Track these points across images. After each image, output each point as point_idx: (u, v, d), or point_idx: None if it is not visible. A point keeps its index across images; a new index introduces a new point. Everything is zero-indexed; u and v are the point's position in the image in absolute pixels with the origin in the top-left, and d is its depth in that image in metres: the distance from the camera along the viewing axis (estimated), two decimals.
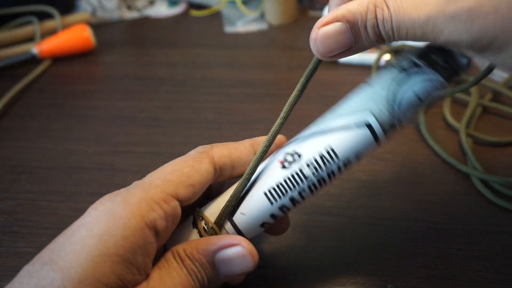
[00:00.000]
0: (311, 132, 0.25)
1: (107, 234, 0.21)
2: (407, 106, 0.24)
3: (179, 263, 0.23)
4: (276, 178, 0.25)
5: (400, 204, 0.35)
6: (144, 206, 0.22)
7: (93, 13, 0.67)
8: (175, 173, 0.24)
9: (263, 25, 0.63)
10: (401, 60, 0.25)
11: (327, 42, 0.23)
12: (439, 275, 0.29)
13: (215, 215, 0.25)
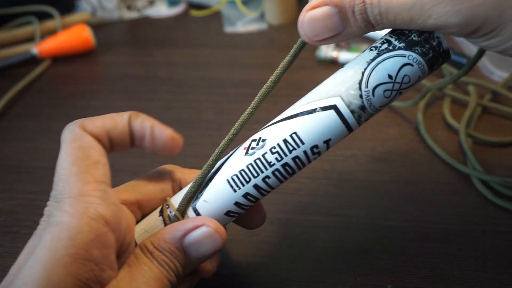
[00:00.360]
0: (278, 119, 0.25)
1: (54, 240, 0.20)
2: (377, 86, 0.23)
3: (148, 256, 0.22)
4: (239, 164, 0.24)
5: (400, 204, 0.35)
6: (79, 205, 0.21)
7: (93, 13, 0.67)
8: (74, 162, 0.23)
9: (263, 25, 0.63)
10: (377, 42, 0.24)
11: (315, 25, 0.22)
12: (439, 275, 0.29)
13: (177, 199, 0.25)
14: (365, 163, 0.39)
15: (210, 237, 0.23)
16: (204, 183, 0.25)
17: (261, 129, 0.25)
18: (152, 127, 0.26)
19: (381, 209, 0.34)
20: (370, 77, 0.23)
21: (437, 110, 0.44)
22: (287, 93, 0.48)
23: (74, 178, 0.22)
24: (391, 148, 0.40)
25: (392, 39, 0.23)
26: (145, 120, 0.26)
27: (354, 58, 0.24)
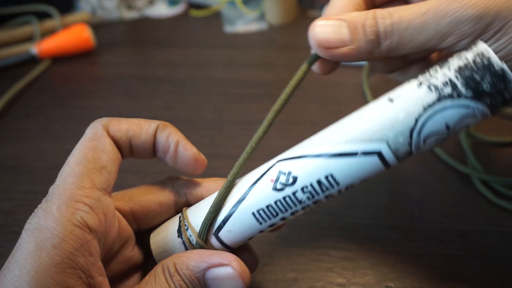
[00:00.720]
0: (311, 153, 0.22)
1: (38, 249, 0.20)
2: (431, 136, 0.20)
3: (167, 278, 0.22)
4: (266, 199, 0.23)
5: (400, 204, 0.35)
6: (66, 209, 0.21)
7: (92, 13, 0.66)
8: (81, 162, 0.22)
9: (263, 25, 0.63)
10: (435, 76, 0.20)
11: (325, 30, 0.24)
12: (439, 275, 0.29)
13: (197, 222, 0.24)
14: None
15: (233, 279, 0.22)
16: (222, 206, 0.24)
17: (288, 155, 0.23)
18: (177, 143, 0.26)
19: (381, 209, 0.34)
20: (424, 126, 0.20)
21: None
22: None
23: (72, 180, 0.22)
24: None
25: (458, 84, 0.19)
26: (172, 134, 0.26)
27: (406, 93, 0.21)
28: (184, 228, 0.24)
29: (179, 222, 0.25)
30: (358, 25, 0.23)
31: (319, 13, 0.64)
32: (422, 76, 0.21)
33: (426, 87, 0.20)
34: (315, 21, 0.24)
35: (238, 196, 0.23)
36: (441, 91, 0.19)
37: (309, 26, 0.26)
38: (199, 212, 0.24)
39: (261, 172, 0.23)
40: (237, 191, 0.24)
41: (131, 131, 0.24)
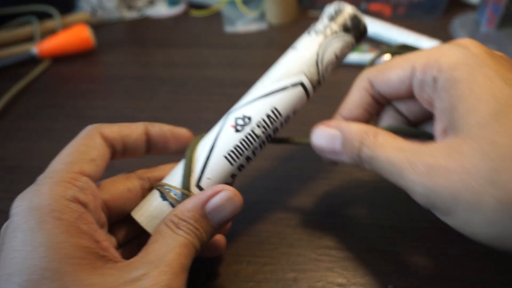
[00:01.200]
0: (254, 97, 0.28)
1: (43, 223, 0.21)
2: (328, 64, 0.29)
3: (174, 229, 0.24)
4: (232, 141, 0.27)
5: (400, 204, 0.35)
6: (57, 188, 0.22)
7: (93, 13, 0.67)
8: (72, 154, 0.24)
9: (263, 25, 0.63)
10: (319, 25, 0.29)
11: (320, 137, 0.28)
12: (439, 275, 0.29)
13: (177, 181, 0.27)
14: None
15: (230, 200, 0.25)
16: (194, 159, 0.27)
17: (235, 108, 0.28)
18: (171, 129, 0.29)
19: (381, 209, 0.34)
20: (323, 57, 0.29)
21: None
22: None
23: (62, 166, 0.24)
24: None
25: (339, 29, 0.29)
26: (162, 126, 0.29)
27: (303, 41, 0.29)
28: (167, 191, 0.27)
29: (159, 191, 0.27)
30: (350, 142, 0.26)
31: (319, 13, 0.64)
32: (306, 31, 0.30)
33: (314, 33, 0.29)
34: (317, 126, 0.28)
35: (207, 147, 0.27)
36: (325, 32, 0.29)
37: (309, 26, 0.27)
38: (175, 175, 0.27)
39: (218, 126, 0.28)
40: (204, 145, 0.28)
41: (123, 131, 0.27)
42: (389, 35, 0.56)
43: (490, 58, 0.23)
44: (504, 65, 0.23)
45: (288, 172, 0.38)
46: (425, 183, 0.22)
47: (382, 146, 0.24)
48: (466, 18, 0.59)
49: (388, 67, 0.27)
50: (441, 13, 0.62)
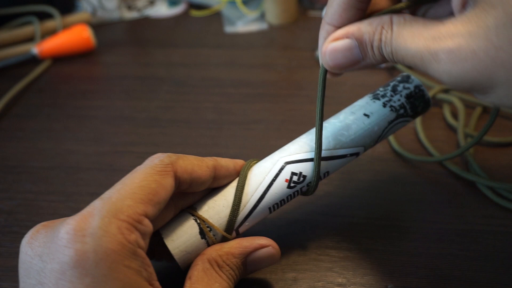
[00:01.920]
0: (312, 157, 0.29)
1: (114, 272, 0.20)
2: (383, 138, 0.31)
3: (218, 271, 0.25)
4: (281, 195, 0.28)
5: (400, 204, 0.35)
6: (124, 230, 0.21)
7: (93, 13, 0.67)
8: (143, 189, 0.23)
9: (263, 25, 0.63)
10: (393, 99, 0.30)
11: (336, 56, 0.24)
12: (439, 275, 0.29)
13: (220, 222, 0.27)
14: (365, 163, 0.39)
15: (272, 256, 0.27)
16: (240, 205, 0.27)
17: (294, 159, 0.28)
18: (235, 164, 0.29)
19: (381, 209, 0.34)
20: (386, 134, 0.30)
21: (437, 110, 0.44)
22: (287, 93, 0.48)
23: (129, 203, 0.22)
24: (391, 148, 0.40)
25: (408, 107, 0.30)
26: (228, 162, 0.28)
27: (377, 111, 0.30)
28: (207, 230, 0.27)
29: (198, 225, 0.27)
30: (368, 45, 0.24)
31: (319, 13, 0.64)
32: (383, 98, 0.30)
33: (389, 107, 0.30)
34: (325, 44, 0.25)
35: (257, 195, 0.28)
36: (398, 112, 0.30)
37: (309, 26, 0.26)
38: (215, 211, 0.27)
39: (273, 173, 0.28)
40: (253, 189, 0.28)
41: (194, 173, 0.26)
42: None
43: None
44: None
45: None
46: (451, 71, 0.20)
47: (400, 38, 0.22)
48: None
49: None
50: None
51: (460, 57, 0.20)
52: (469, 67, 0.20)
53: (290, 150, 0.29)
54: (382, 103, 0.30)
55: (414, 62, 0.22)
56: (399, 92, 0.30)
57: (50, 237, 0.21)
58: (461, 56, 0.20)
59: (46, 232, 0.22)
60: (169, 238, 0.26)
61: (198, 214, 0.27)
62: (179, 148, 0.42)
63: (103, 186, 0.38)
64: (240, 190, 0.28)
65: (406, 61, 0.22)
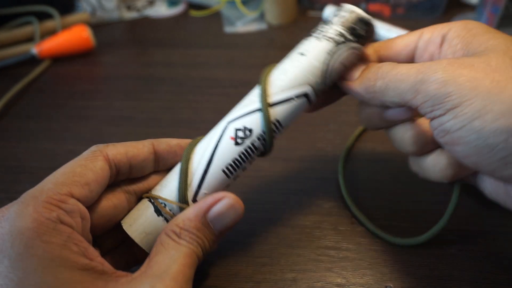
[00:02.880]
0: (256, 107, 0.27)
1: (32, 249, 0.20)
2: (335, 74, 0.28)
3: (175, 239, 0.23)
4: (231, 154, 0.27)
5: (400, 204, 0.35)
6: (42, 209, 0.21)
7: (92, 13, 0.67)
8: (66, 174, 0.23)
9: (263, 25, 0.63)
10: (327, 31, 0.28)
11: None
12: (439, 275, 0.29)
13: (173, 196, 0.26)
14: (365, 163, 0.39)
15: (232, 207, 0.25)
16: (189, 173, 0.26)
17: (236, 115, 0.28)
18: (179, 143, 0.28)
19: (381, 209, 0.34)
20: (333, 68, 0.27)
21: None
22: None
23: (50, 186, 0.22)
24: (391, 148, 0.40)
25: (346, 33, 0.27)
26: (170, 141, 0.28)
27: (312, 46, 0.28)
28: (162, 206, 0.26)
29: (152, 205, 0.26)
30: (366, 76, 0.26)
31: (319, 13, 0.64)
32: (314, 33, 0.28)
33: (324, 39, 0.27)
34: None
35: (205, 160, 0.27)
36: (336, 39, 0.27)
37: (309, 26, 0.27)
38: (168, 187, 0.27)
39: (217, 135, 0.27)
40: (201, 156, 0.27)
41: (129, 152, 0.26)
42: (389, 36, 0.56)
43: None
44: None
45: (287, 173, 0.38)
46: (446, 70, 0.22)
47: (391, 75, 0.25)
48: (465, 18, 0.59)
49: (398, 36, 0.28)
50: (440, 14, 0.62)
51: (458, 64, 0.22)
52: (462, 72, 0.22)
53: (233, 111, 0.28)
54: (315, 37, 0.28)
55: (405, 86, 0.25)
56: (331, 21, 0.28)
57: None
58: (459, 64, 0.22)
59: None
60: (127, 223, 0.26)
61: (150, 194, 0.27)
62: None
63: None
64: (186, 159, 0.27)
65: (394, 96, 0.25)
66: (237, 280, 0.30)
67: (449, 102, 0.22)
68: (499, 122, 0.20)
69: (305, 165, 0.39)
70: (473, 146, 0.22)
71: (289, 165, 0.39)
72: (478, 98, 0.21)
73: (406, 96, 0.24)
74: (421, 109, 0.24)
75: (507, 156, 0.21)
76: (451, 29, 0.25)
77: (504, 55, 0.22)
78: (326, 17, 0.31)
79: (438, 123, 0.23)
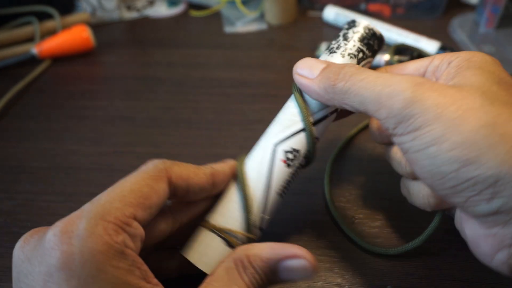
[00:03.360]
0: (298, 129, 0.28)
1: (101, 273, 0.20)
2: None
3: (241, 272, 0.23)
4: (284, 176, 0.28)
5: (399, 204, 0.35)
6: (111, 231, 0.21)
7: (92, 13, 0.67)
8: (134, 193, 0.23)
9: (263, 25, 0.63)
10: (349, 48, 0.29)
11: (304, 63, 0.28)
12: (439, 275, 0.29)
13: (238, 226, 0.27)
14: (365, 163, 0.39)
15: (306, 270, 0.24)
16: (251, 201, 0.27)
17: (281, 136, 0.28)
18: (231, 166, 0.28)
19: (380, 209, 0.34)
20: None
21: None
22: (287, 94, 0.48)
23: (118, 205, 0.22)
24: None
25: (364, 49, 0.30)
26: (224, 165, 0.28)
27: (337, 61, 0.29)
28: (229, 237, 0.26)
29: (219, 237, 0.26)
30: (327, 72, 0.26)
31: (319, 13, 0.64)
32: (338, 50, 0.29)
33: (348, 56, 0.29)
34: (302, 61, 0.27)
35: (262, 185, 0.27)
36: (358, 57, 0.29)
37: (308, 26, 0.27)
38: (229, 217, 0.27)
39: (267, 159, 0.28)
40: (255, 183, 0.27)
41: (191, 179, 0.26)
42: (389, 36, 0.56)
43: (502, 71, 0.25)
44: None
45: None
46: (414, 90, 0.22)
47: (356, 82, 0.24)
48: (465, 18, 0.59)
49: (411, 61, 0.28)
50: (440, 14, 0.62)
51: (425, 85, 0.22)
52: (429, 93, 0.22)
53: (273, 131, 0.29)
54: (340, 54, 0.29)
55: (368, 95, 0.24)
56: (351, 38, 0.30)
57: (40, 241, 0.21)
58: (426, 85, 0.23)
59: (37, 236, 0.22)
60: (199, 260, 0.26)
61: (214, 226, 0.27)
62: (179, 148, 0.42)
63: (103, 186, 0.38)
64: (244, 187, 0.27)
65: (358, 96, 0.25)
66: None
67: (412, 124, 0.22)
68: (453, 152, 0.21)
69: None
70: (427, 170, 0.22)
71: None
72: (440, 125, 0.21)
73: (368, 106, 0.24)
74: (383, 123, 0.23)
75: (457, 185, 0.21)
76: (458, 57, 0.25)
77: (477, 89, 0.22)
78: (341, 30, 0.31)
79: (398, 141, 0.23)
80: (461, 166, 0.21)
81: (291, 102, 0.29)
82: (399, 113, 0.22)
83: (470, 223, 0.24)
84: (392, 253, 0.31)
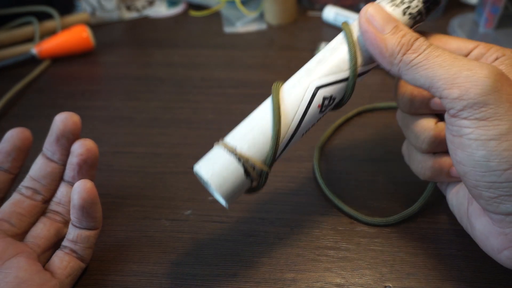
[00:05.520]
0: (342, 78, 0.27)
1: None
2: None
3: None
4: (314, 120, 0.28)
5: (399, 204, 0.35)
6: None
7: (92, 13, 0.67)
8: None
9: (263, 25, 0.63)
10: (413, 5, 0.27)
11: (376, 12, 0.26)
12: (438, 275, 0.29)
13: (262, 159, 0.27)
14: (365, 163, 0.39)
15: None
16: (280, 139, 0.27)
17: (325, 82, 0.27)
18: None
19: (380, 209, 0.34)
20: None
21: None
22: None
23: None
24: (391, 148, 0.40)
25: (424, 12, 0.27)
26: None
27: (399, 18, 0.27)
28: (251, 169, 0.26)
29: (242, 166, 0.26)
30: (398, 39, 0.25)
31: (319, 14, 0.64)
32: (402, 5, 0.27)
33: (408, 15, 0.27)
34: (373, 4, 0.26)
35: (294, 126, 0.27)
36: (415, 18, 0.27)
37: (308, 26, 0.27)
38: (260, 151, 0.27)
39: (306, 101, 0.27)
40: (289, 121, 0.27)
41: None
42: None
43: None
44: None
45: (287, 173, 0.38)
46: (493, 78, 0.22)
47: (430, 58, 0.24)
48: (465, 18, 0.59)
49: (455, 37, 0.28)
50: (440, 13, 0.62)
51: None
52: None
53: (318, 73, 0.27)
54: (402, 11, 0.27)
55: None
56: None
57: None
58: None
59: None
60: (220, 187, 0.26)
61: (240, 155, 0.26)
62: (179, 148, 0.42)
63: (103, 186, 0.38)
64: (277, 123, 0.27)
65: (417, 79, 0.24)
66: (236, 281, 0.30)
67: (482, 112, 0.21)
68: (510, 152, 0.21)
69: (304, 165, 0.39)
70: (473, 158, 0.22)
71: (288, 165, 0.39)
72: (508, 123, 0.21)
73: (438, 83, 0.23)
74: (447, 102, 0.23)
75: (496, 182, 0.21)
76: (505, 54, 0.25)
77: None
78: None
79: (458, 123, 0.23)
80: (509, 168, 0.21)
81: (343, 46, 0.27)
82: (474, 98, 0.22)
83: (482, 219, 0.24)
84: (392, 221, 0.33)
